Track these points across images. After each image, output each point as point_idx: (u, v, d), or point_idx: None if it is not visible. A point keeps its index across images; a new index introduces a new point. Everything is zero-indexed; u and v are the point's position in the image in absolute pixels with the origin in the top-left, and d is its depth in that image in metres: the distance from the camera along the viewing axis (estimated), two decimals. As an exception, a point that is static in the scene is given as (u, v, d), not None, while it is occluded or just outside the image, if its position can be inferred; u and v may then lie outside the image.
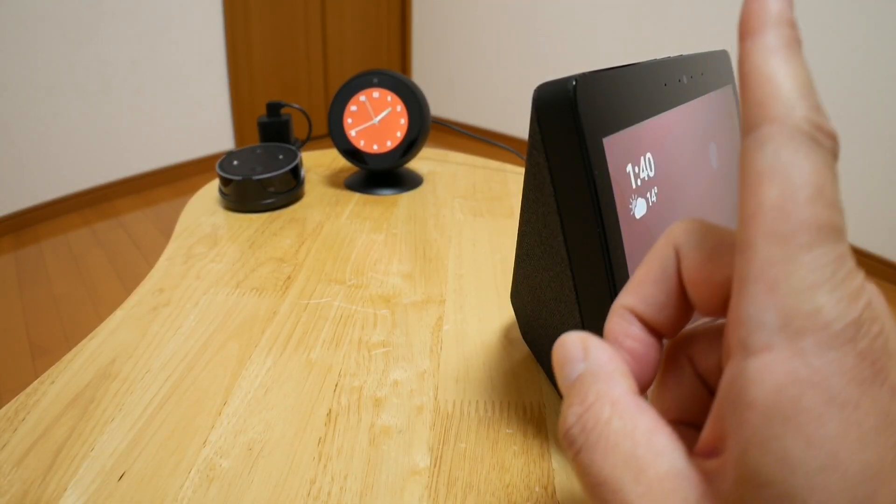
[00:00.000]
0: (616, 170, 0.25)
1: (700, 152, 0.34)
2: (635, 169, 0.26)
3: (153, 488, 0.29)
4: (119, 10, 2.26)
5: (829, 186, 0.12)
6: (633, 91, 0.27)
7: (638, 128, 0.27)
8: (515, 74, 3.01)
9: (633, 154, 0.26)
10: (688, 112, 0.32)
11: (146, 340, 0.41)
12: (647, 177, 0.27)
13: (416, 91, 0.66)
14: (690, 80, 0.33)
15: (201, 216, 0.62)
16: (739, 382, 0.12)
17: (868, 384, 0.11)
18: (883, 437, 0.11)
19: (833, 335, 0.11)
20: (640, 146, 0.27)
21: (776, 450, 0.11)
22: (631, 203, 0.26)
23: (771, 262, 0.12)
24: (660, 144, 0.28)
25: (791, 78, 0.12)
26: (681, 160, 0.31)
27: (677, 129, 0.31)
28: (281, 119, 0.72)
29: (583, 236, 0.25)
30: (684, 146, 0.31)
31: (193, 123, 2.67)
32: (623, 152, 0.25)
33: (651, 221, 0.27)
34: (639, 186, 0.26)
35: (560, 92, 0.23)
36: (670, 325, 0.16)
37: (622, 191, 0.25)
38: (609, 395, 0.14)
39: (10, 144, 2.07)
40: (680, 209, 0.30)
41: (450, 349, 0.40)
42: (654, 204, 0.27)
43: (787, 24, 0.13)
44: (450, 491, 0.29)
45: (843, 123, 1.96)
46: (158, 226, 2.25)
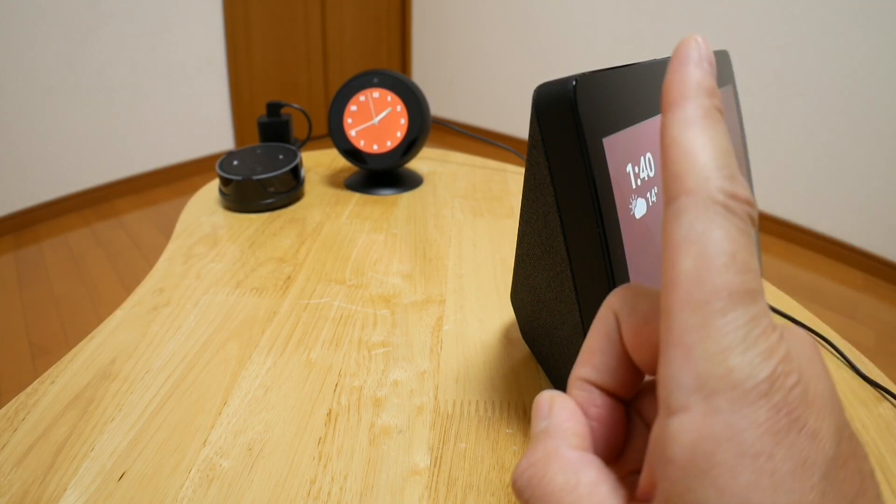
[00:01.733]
0: (616, 170, 0.25)
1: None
2: (635, 169, 0.26)
3: (153, 488, 0.29)
4: (119, 10, 2.26)
5: (743, 252, 0.13)
6: (632, 91, 0.27)
7: (637, 128, 0.27)
8: (515, 74, 3.01)
9: (632, 154, 0.26)
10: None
11: (146, 340, 0.41)
12: (647, 177, 0.27)
13: (416, 91, 0.66)
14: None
15: (201, 216, 0.62)
16: (662, 439, 0.13)
17: (784, 433, 0.12)
18: (800, 480, 0.12)
19: (745, 392, 0.12)
20: (640, 146, 0.27)
21: (691, 501, 0.12)
22: (631, 203, 0.26)
23: (687, 329, 0.12)
24: (657, 143, 0.28)
25: (707, 149, 0.13)
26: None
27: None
28: (281, 119, 0.72)
29: (583, 236, 0.25)
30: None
31: (193, 123, 2.67)
32: (623, 152, 0.25)
33: (651, 221, 0.27)
34: (639, 186, 0.26)
35: (560, 92, 0.23)
36: (625, 387, 0.17)
37: (622, 191, 0.25)
38: (556, 451, 0.15)
39: (10, 144, 2.07)
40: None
41: (450, 349, 0.40)
42: (654, 204, 0.27)
43: (706, 94, 0.14)
44: (450, 491, 0.29)
45: (844, 123, 1.96)
46: (158, 226, 2.25)
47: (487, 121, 3.22)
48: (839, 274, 2.00)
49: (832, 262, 2.08)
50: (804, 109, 2.04)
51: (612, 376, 0.17)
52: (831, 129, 2.00)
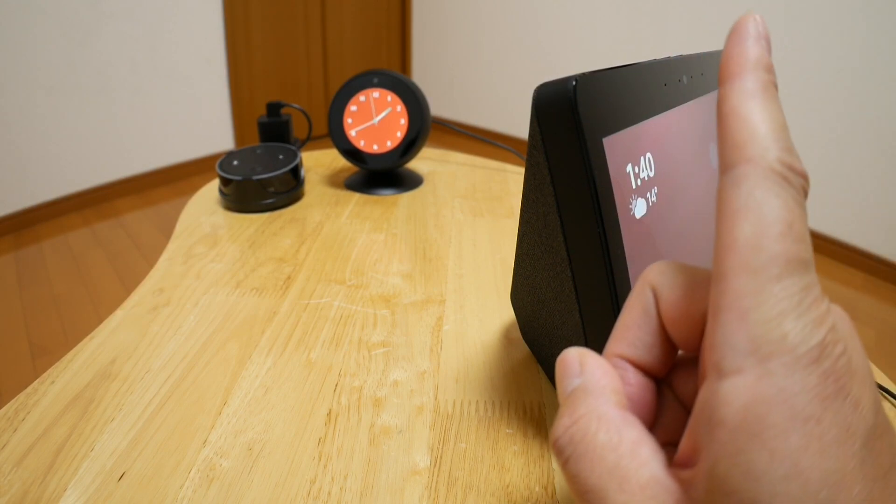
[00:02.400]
0: (616, 170, 0.25)
1: (700, 152, 0.34)
2: (635, 169, 0.26)
3: (153, 488, 0.29)
4: (119, 10, 2.26)
5: (799, 223, 0.13)
6: (633, 91, 0.27)
7: (638, 128, 0.27)
8: (515, 74, 3.01)
9: (633, 154, 0.26)
10: (688, 112, 0.32)
11: (146, 340, 0.41)
12: (647, 177, 0.27)
13: (416, 91, 0.66)
14: (691, 81, 0.33)
15: (201, 216, 0.62)
16: (712, 402, 0.13)
17: (831, 400, 0.12)
18: (844, 446, 0.12)
19: (798, 357, 0.12)
20: (640, 146, 0.27)
21: (742, 462, 0.12)
22: (631, 203, 0.26)
23: (743, 293, 0.13)
24: (660, 144, 0.28)
25: (766, 121, 0.14)
26: (681, 160, 0.31)
27: (677, 129, 0.31)
28: (281, 119, 0.72)
29: (583, 236, 0.25)
30: (684, 146, 0.31)
31: (193, 123, 2.67)
32: (623, 152, 0.25)
33: (651, 221, 0.27)
34: (639, 186, 0.26)
35: (560, 92, 0.23)
36: (660, 364, 0.17)
37: (622, 191, 0.25)
38: (597, 409, 0.16)
39: (10, 144, 2.07)
40: (681, 209, 0.30)
41: (450, 349, 0.40)
42: (654, 204, 0.28)
43: (764, 70, 0.14)
44: (450, 491, 0.29)
45: (843, 123, 1.96)
46: (158, 226, 2.25)
47: (487, 121, 3.22)
48: (839, 274, 2.00)
49: (832, 262, 2.08)
50: (803, 109, 2.04)
51: (648, 352, 0.17)
52: (831, 129, 2.00)
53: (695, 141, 0.33)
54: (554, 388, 0.36)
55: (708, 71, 0.35)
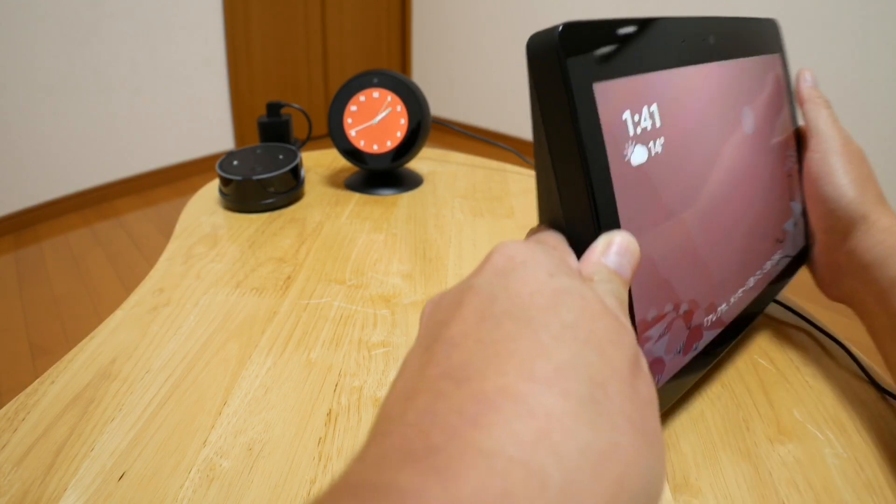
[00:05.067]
0: (609, 115, 0.25)
1: (729, 115, 0.34)
2: (635, 117, 0.26)
3: (153, 488, 0.29)
4: (119, 10, 2.26)
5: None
6: (639, 42, 0.27)
7: (641, 78, 0.27)
8: (515, 74, 3.01)
9: (632, 102, 0.26)
10: (715, 72, 0.32)
11: (146, 340, 0.41)
12: (650, 126, 0.27)
13: (416, 91, 0.66)
14: (720, 42, 0.32)
15: (201, 216, 0.62)
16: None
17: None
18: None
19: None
20: (644, 96, 0.27)
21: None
22: (626, 149, 0.26)
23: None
24: (671, 97, 0.28)
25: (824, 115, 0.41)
26: (702, 118, 0.31)
27: (698, 87, 0.31)
28: (281, 119, 0.72)
29: (569, 176, 0.25)
30: (708, 105, 0.31)
31: (193, 123, 2.67)
32: (619, 99, 0.26)
33: (652, 170, 0.27)
34: (638, 134, 0.26)
35: (548, 36, 0.24)
36: None
37: (615, 136, 0.25)
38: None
39: (10, 144, 2.07)
40: (697, 166, 0.30)
41: (450, 349, 0.40)
42: (658, 154, 0.27)
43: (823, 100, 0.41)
44: (450, 491, 0.29)
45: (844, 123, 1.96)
46: (158, 226, 2.25)
47: (487, 121, 3.22)
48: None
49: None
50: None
51: None
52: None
53: (723, 102, 0.33)
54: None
55: (746, 36, 0.36)
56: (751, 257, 0.36)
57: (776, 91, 0.40)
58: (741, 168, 0.34)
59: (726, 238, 0.33)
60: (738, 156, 0.34)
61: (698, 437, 0.32)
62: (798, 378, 0.37)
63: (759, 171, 0.36)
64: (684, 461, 0.31)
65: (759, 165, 0.37)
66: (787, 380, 0.37)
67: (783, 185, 0.40)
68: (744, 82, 0.35)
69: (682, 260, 0.30)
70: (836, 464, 0.31)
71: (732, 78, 0.34)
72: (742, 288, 0.35)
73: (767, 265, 0.38)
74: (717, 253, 0.32)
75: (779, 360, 0.39)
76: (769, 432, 0.33)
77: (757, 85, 0.37)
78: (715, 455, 0.31)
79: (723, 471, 0.30)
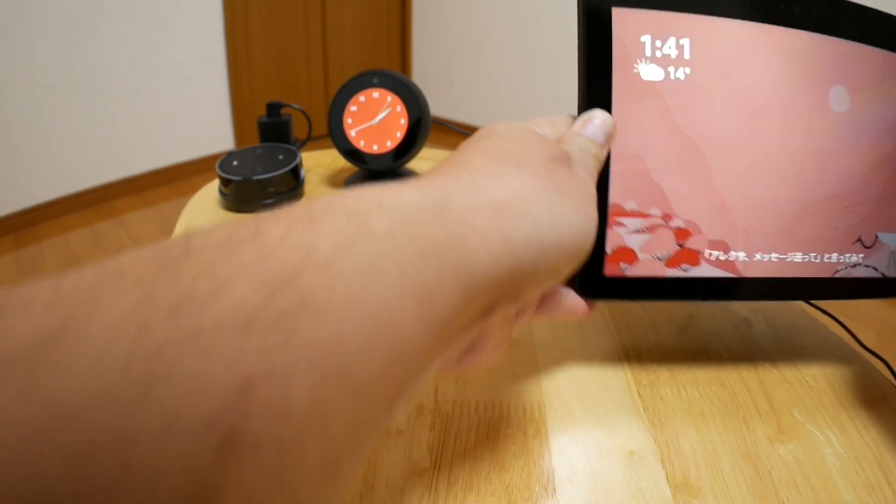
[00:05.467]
0: (625, 36, 0.31)
1: (809, 87, 0.34)
2: (655, 42, 0.31)
3: None
4: (119, 10, 2.26)
5: None
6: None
7: (673, 15, 0.31)
8: (515, 74, 3.01)
9: (657, 30, 0.31)
10: (789, 38, 0.33)
11: (146, 340, 0.41)
12: (673, 55, 0.32)
13: (416, 91, 0.66)
14: (805, 12, 0.33)
15: (201, 216, 0.62)
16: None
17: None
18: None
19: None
20: (672, 30, 0.31)
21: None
22: (637, 64, 0.31)
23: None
24: (709, 39, 0.32)
25: None
26: (754, 71, 0.33)
27: (755, 43, 0.33)
28: (281, 119, 0.72)
29: (580, 73, 0.32)
30: (769, 67, 0.33)
31: (193, 123, 2.67)
32: (639, 25, 0.31)
33: (667, 90, 0.32)
34: (654, 56, 0.31)
35: None
36: None
37: (625, 50, 0.31)
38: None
39: (10, 144, 2.07)
40: (738, 111, 0.33)
41: (450, 349, 0.40)
42: (679, 80, 0.32)
43: None
44: (450, 491, 0.29)
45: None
46: (158, 226, 2.25)
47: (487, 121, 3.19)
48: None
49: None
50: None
51: None
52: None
53: (798, 71, 0.33)
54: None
55: (851, 19, 0.34)
56: (805, 233, 0.35)
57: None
58: (834, 149, 0.34)
59: (766, 196, 0.34)
60: (826, 134, 0.34)
61: (698, 437, 0.32)
62: (798, 378, 0.37)
63: (849, 152, 0.35)
64: (684, 461, 0.31)
65: (850, 146, 0.35)
66: (786, 380, 0.37)
67: (892, 189, 0.36)
68: (835, 59, 0.34)
69: (686, 181, 0.33)
70: (836, 464, 0.31)
71: (817, 50, 0.34)
72: (778, 255, 0.35)
73: (834, 257, 0.36)
74: (746, 203, 0.34)
75: (779, 360, 0.39)
76: (769, 432, 0.33)
77: (857, 67, 0.35)
78: (715, 455, 0.31)
79: (723, 471, 0.30)
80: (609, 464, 0.30)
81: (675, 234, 0.33)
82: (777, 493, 0.29)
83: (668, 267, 0.33)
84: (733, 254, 0.34)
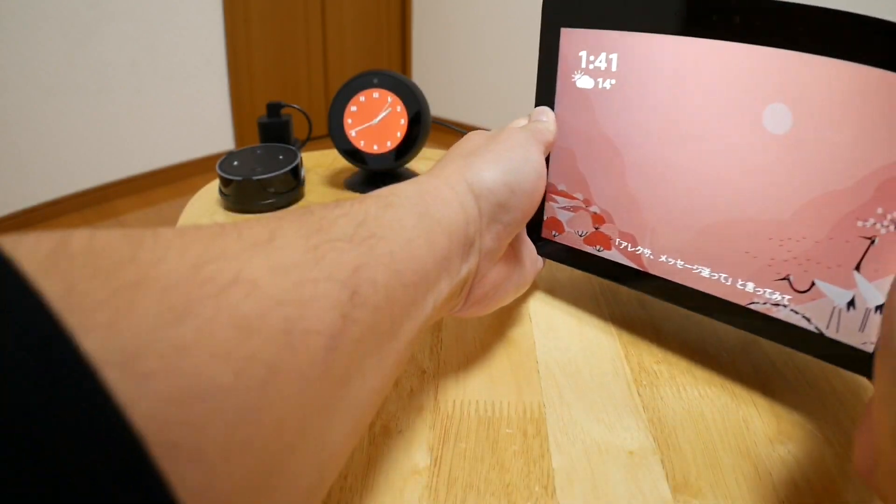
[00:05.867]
0: (567, 49, 0.38)
1: (740, 103, 0.31)
2: (589, 56, 0.37)
3: None
4: (119, 10, 2.26)
5: None
6: (613, 9, 0.35)
7: (607, 33, 0.36)
8: (515, 75, 3.01)
9: (591, 47, 0.36)
10: (724, 51, 0.31)
11: (146, 340, 0.41)
12: (602, 67, 0.36)
13: (416, 91, 0.66)
14: (746, 23, 0.30)
15: (201, 216, 0.62)
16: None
17: None
18: None
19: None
20: (604, 46, 0.36)
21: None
22: (574, 75, 0.38)
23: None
24: (636, 54, 0.35)
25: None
26: (677, 82, 0.33)
27: (682, 59, 0.33)
28: (281, 119, 0.72)
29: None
30: (697, 81, 0.33)
31: (193, 123, 2.67)
32: (579, 42, 0.37)
33: (594, 97, 0.37)
34: (588, 69, 0.37)
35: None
36: None
37: (567, 63, 0.38)
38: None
39: (10, 144, 2.07)
40: (657, 119, 0.35)
41: (450, 349, 0.40)
42: (605, 89, 0.37)
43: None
44: (450, 491, 0.29)
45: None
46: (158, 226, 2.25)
47: (487, 121, 3.22)
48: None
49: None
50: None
51: None
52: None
53: (725, 86, 0.32)
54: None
55: (785, 24, 0.30)
56: (713, 250, 0.34)
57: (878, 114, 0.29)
58: (762, 169, 0.32)
59: (676, 204, 0.35)
60: (756, 152, 0.32)
61: (698, 437, 0.32)
62: (798, 378, 0.37)
63: (777, 181, 0.32)
64: (684, 461, 0.31)
65: (789, 168, 0.31)
66: (786, 380, 0.37)
67: (841, 236, 0.30)
68: (778, 75, 0.30)
69: (603, 175, 0.38)
70: (836, 464, 0.31)
71: (756, 65, 0.31)
72: (684, 263, 0.36)
73: (749, 286, 0.34)
74: (656, 205, 0.36)
75: (779, 360, 0.39)
76: (769, 432, 0.33)
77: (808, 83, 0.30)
78: (715, 455, 0.31)
79: (723, 471, 0.30)
80: (609, 464, 0.30)
81: (592, 218, 0.40)
82: (777, 493, 0.29)
83: (585, 244, 0.41)
84: (640, 248, 0.38)
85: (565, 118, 0.39)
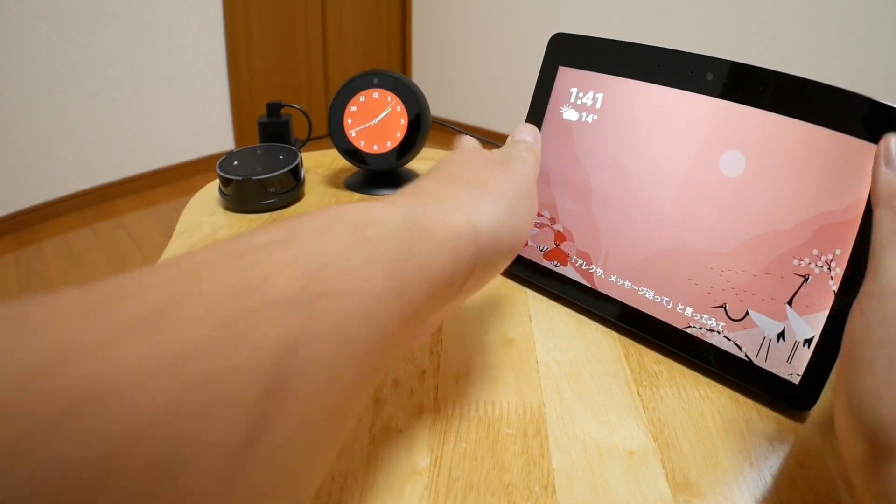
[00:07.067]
0: (561, 85, 0.42)
1: (701, 148, 0.36)
2: (578, 94, 0.41)
3: None
4: (119, 10, 2.26)
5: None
6: (605, 56, 0.40)
7: (597, 75, 0.40)
8: (515, 74, 3.01)
9: (582, 85, 0.41)
10: (694, 102, 0.36)
11: (146, 340, 0.41)
12: (588, 104, 0.41)
13: (416, 91, 0.66)
14: (716, 80, 0.35)
15: (201, 216, 0.62)
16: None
17: None
18: None
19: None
20: (594, 86, 0.40)
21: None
22: (562, 108, 0.42)
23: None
24: (620, 96, 0.39)
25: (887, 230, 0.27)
26: (650, 124, 0.38)
27: (657, 105, 0.38)
28: (281, 119, 0.72)
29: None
30: (666, 125, 0.37)
31: (193, 123, 2.67)
32: (573, 80, 0.42)
33: (577, 129, 0.41)
34: (575, 103, 0.41)
35: (553, 37, 0.43)
36: None
37: (558, 96, 0.42)
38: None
39: (10, 144, 2.07)
40: (624, 154, 0.39)
41: (450, 349, 0.40)
42: (587, 123, 0.41)
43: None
44: (450, 491, 0.29)
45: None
46: (158, 226, 2.25)
47: (487, 121, 3.22)
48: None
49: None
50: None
51: None
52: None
53: (692, 132, 0.36)
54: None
55: (749, 84, 0.34)
56: (658, 274, 0.38)
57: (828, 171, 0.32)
58: (722, 209, 0.35)
59: (630, 229, 0.39)
60: (713, 193, 0.36)
61: (698, 436, 0.32)
62: (798, 378, 0.37)
63: (724, 217, 0.35)
64: (684, 461, 0.31)
65: (739, 208, 0.34)
66: (787, 380, 0.37)
67: (778, 272, 0.33)
68: (735, 125, 0.35)
69: (571, 198, 0.41)
70: (836, 464, 0.31)
71: (721, 118, 0.35)
72: (632, 284, 0.39)
73: (688, 311, 0.36)
74: (612, 229, 0.40)
75: (779, 360, 0.39)
76: (769, 432, 0.33)
77: (763, 135, 0.34)
78: (715, 455, 0.31)
79: (723, 471, 0.30)
80: (609, 464, 0.30)
81: (555, 236, 0.43)
82: (777, 493, 0.29)
83: (545, 258, 0.43)
84: (593, 267, 0.41)
85: (547, 144, 0.43)
